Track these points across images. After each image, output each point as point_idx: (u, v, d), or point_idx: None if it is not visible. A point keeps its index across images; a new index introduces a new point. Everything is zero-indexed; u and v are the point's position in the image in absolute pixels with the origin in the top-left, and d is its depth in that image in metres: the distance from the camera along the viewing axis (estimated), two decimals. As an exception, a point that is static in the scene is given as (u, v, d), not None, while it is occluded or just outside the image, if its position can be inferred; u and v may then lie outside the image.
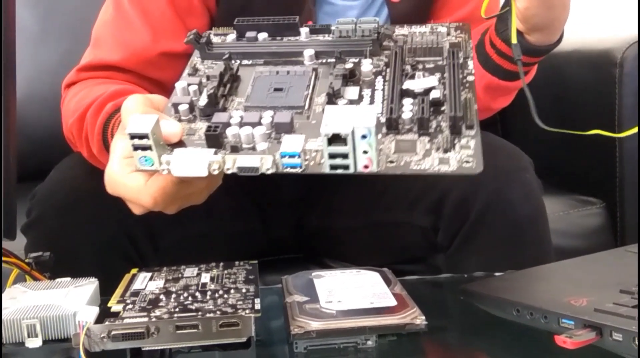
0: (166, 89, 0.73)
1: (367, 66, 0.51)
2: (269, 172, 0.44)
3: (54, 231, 0.66)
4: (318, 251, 0.84)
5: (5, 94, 0.50)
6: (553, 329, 0.46)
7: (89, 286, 0.53)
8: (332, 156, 0.42)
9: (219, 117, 0.47)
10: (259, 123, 0.46)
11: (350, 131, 0.41)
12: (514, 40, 0.58)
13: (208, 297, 0.49)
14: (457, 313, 0.56)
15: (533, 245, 0.68)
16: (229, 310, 0.47)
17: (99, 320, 0.45)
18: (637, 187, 0.98)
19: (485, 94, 0.67)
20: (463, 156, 0.43)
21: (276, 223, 0.83)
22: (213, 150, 0.45)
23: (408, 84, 0.48)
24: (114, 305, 0.48)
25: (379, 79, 0.50)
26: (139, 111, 0.47)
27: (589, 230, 1.00)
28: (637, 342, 0.42)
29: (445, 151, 0.44)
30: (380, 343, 0.47)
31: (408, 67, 0.51)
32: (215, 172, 0.44)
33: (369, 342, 0.47)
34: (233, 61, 0.53)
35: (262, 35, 0.54)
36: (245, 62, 0.53)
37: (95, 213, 0.67)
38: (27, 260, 0.57)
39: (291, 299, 0.51)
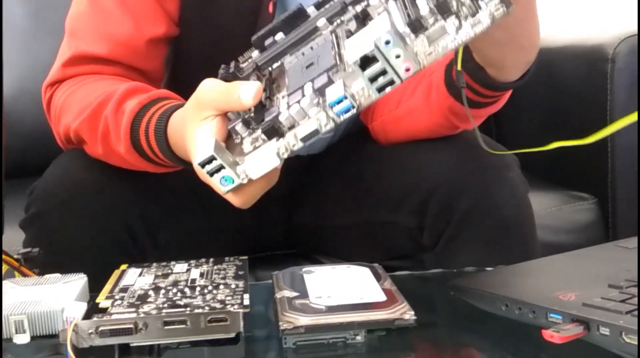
0: (152, 80, 0.72)
1: (384, 18, 0.49)
2: (329, 127, 0.46)
3: (54, 226, 0.66)
4: (310, 247, 0.84)
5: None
6: (541, 323, 0.46)
7: (78, 282, 0.53)
8: (373, 79, 0.44)
9: (270, 113, 0.49)
10: (303, 96, 0.47)
11: (374, 45, 0.42)
12: (459, 67, 0.58)
13: (197, 293, 0.49)
14: (446, 308, 0.56)
15: (519, 244, 0.68)
16: (218, 305, 0.46)
17: (87, 315, 0.45)
18: (637, 183, 0.98)
19: (450, 115, 0.67)
20: (491, 7, 0.44)
21: (267, 219, 0.83)
22: (274, 139, 0.47)
23: None
24: (103, 301, 0.48)
25: (391, 2, 0.49)
26: (216, 89, 0.50)
27: (581, 225, 1.00)
28: (624, 336, 0.42)
29: (474, 15, 0.44)
30: (370, 338, 0.47)
31: None
32: (285, 155, 0.47)
33: (358, 337, 0.47)
34: (265, 70, 0.55)
35: (279, 36, 0.55)
36: (275, 65, 0.54)
37: (95, 208, 0.67)
38: (16, 256, 0.57)
39: (281, 295, 0.51)
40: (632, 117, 0.47)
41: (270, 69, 0.54)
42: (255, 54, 0.56)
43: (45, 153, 0.76)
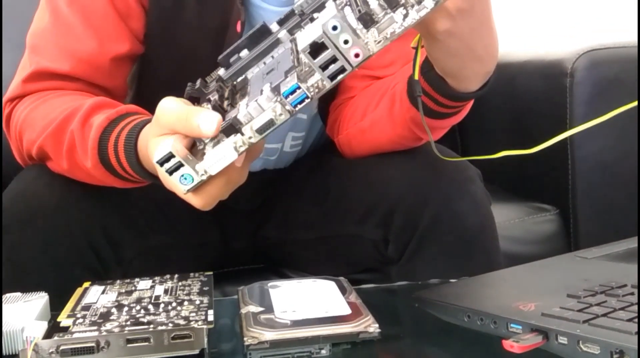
0: (115, 96, 0.72)
1: (331, 7, 0.50)
2: (284, 118, 0.46)
3: (16, 243, 0.65)
4: (278, 262, 0.84)
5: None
6: (502, 334, 0.47)
7: (39, 301, 0.52)
8: (324, 67, 0.45)
9: (229, 115, 0.49)
10: (261, 95, 0.48)
11: (322, 31, 0.43)
12: (415, 76, 0.59)
13: (161, 310, 0.49)
14: (410, 320, 0.57)
15: (482, 255, 0.69)
16: (182, 322, 0.46)
17: (48, 335, 0.44)
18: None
19: (413, 126, 0.68)
20: None
21: (234, 234, 0.83)
22: (232, 135, 0.47)
23: None
24: (64, 320, 0.47)
25: (347, 9, 0.50)
26: (174, 112, 0.49)
27: (543, 236, 1.02)
28: (581, 345, 0.43)
29: (420, 3, 0.45)
30: (334, 352, 0.47)
31: None
32: (242, 148, 0.47)
33: (323, 351, 0.47)
34: (229, 83, 0.55)
35: (244, 53, 0.55)
36: (239, 79, 0.55)
37: (58, 224, 0.66)
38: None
39: (246, 310, 0.51)
40: (570, 132, 0.48)
41: (236, 82, 0.55)
42: (221, 72, 0.56)
43: (5, 169, 0.75)
